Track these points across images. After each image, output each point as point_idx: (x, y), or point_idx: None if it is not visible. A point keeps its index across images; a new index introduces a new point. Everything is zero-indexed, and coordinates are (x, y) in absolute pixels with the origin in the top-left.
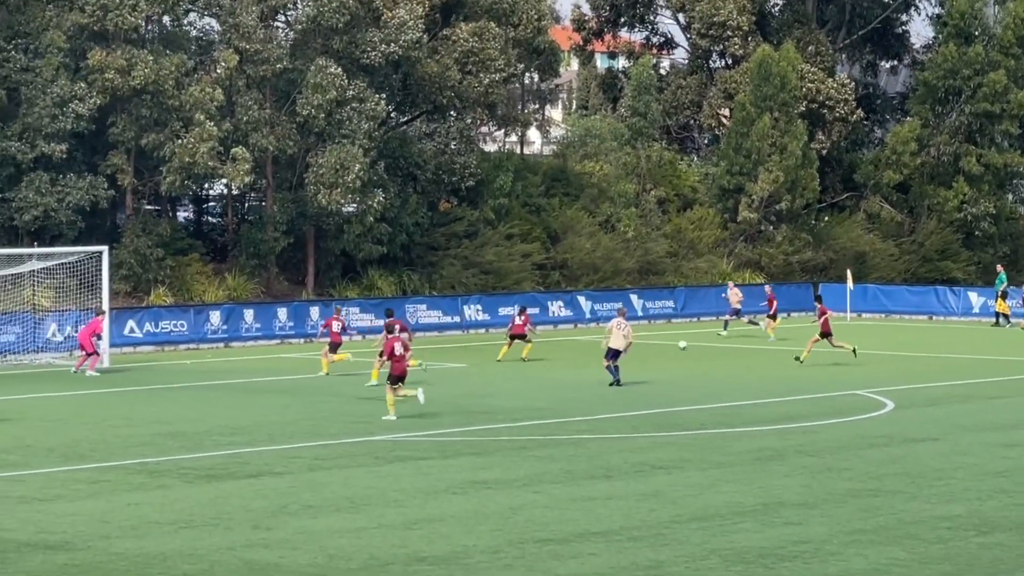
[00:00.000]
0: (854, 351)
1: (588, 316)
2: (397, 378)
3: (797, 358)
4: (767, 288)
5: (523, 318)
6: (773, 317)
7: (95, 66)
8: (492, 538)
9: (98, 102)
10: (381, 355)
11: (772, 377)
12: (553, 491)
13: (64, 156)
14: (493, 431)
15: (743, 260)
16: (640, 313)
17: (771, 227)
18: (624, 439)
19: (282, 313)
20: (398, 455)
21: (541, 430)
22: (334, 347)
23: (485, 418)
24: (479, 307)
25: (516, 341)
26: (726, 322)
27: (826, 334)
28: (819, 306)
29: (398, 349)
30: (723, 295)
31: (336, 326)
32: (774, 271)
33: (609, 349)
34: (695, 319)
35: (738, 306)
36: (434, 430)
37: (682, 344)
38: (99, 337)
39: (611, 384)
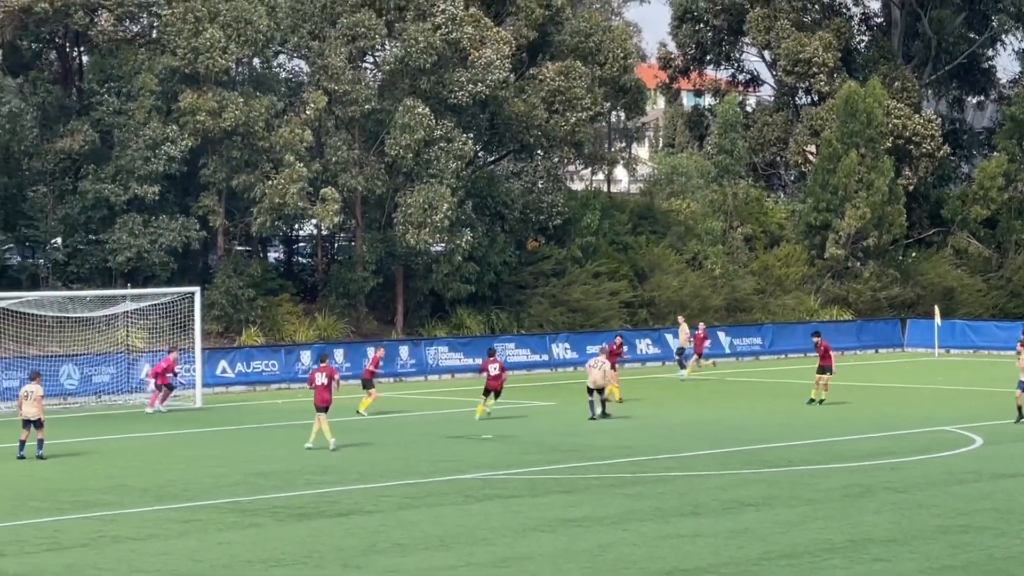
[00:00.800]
0: (820, 401)
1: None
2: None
3: (812, 400)
4: (700, 327)
5: (496, 366)
6: (699, 356)
7: (186, 108)
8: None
9: (190, 144)
10: None
11: (860, 413)
12: (642, 529)
13: (156, 198)
14: (582, 469)
15: (830, 296)
16: (728, 350)
17: (858, 263)
18: (713, 476)
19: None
20: (487, 493)
21: (630, 468)
22: (366, 384)
23: (574, 456)
24: (567, 345)
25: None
26: (679, 362)
27: (824, 368)
28: (817, 340)
29: (318, 379)
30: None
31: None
32: (861, 307)
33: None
34: (783, 356)
35: (686, 345)
36: (523, 468)
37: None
38: (174, 374)
39: (590, 418)
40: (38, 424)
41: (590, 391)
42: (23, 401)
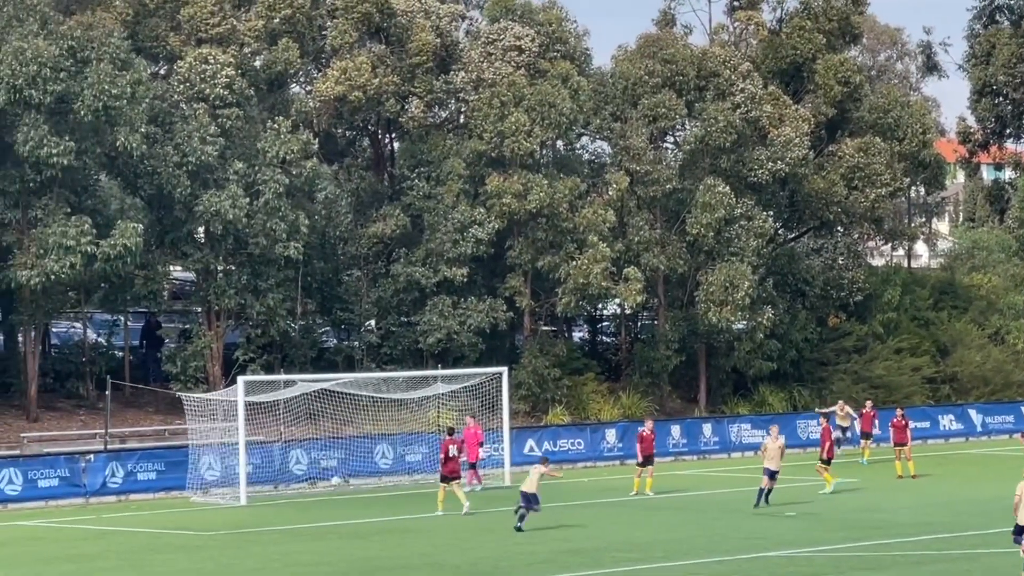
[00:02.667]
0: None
1: (979, 429)
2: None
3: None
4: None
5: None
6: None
7: (493, 191)
8: None
9: (496, 226)
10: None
11: None
12: None
13: (465, 280)
14: (886, 546)
15: None
16: None
17: None
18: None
19: (675, 430)
20: (792, 571)
21: (935, 545)
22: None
23: (878, 533)
24: (876, 422)
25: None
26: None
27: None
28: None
29: (451, 451)
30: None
31: (453, 450)
32: None
33: (522, 493)
34: None
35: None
36: (827, 545)
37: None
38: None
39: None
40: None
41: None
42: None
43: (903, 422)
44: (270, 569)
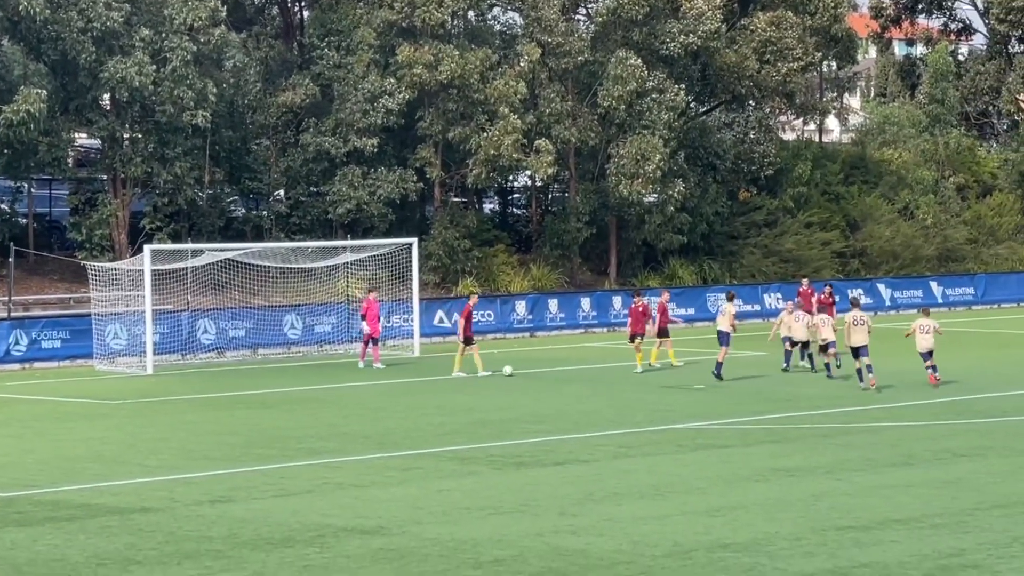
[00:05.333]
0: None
1: (888, 304)
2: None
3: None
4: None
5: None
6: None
7: (404, 62)
8: (794, 525)
9: (407, 97)
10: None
11: None
12: (854, 479)
13: (375, 150)
14: (794, 419)
15: None
16: (940, 300)
17: None
18: (924, 427)
19: (585, 303)
20: (701, 443)
21: (841, 418)
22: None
23: (786, 406)
24: (779, 295)
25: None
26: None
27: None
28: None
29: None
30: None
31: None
32: None
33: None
34: (995, 306)
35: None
36: (735, 418)
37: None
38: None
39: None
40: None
41: (793, 343)
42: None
43: (831, 299)
44: (176, 438)
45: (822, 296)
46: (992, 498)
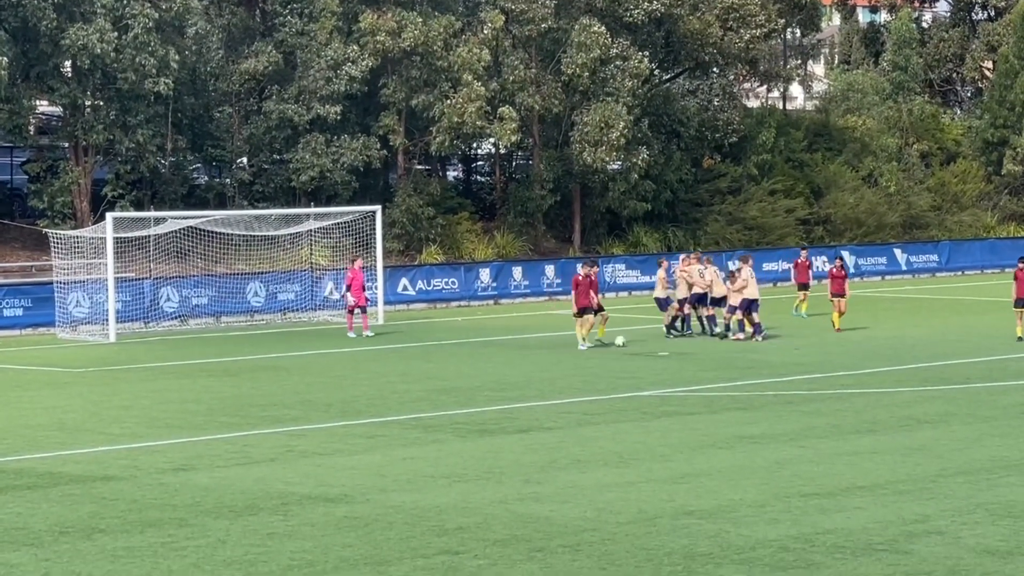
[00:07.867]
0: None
1: (852, 271)
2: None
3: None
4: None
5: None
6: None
7: (366, 29)
8: (758, 492)
9: (370, 64)
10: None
11: None
12: (819, 446)
13: (338, 118)
14: (759, 386)
15: (1008, 213)
16: (904, 267)
17: None
18: (889, 393)
19: (550, 270)
20: (665, 410)
21: (806, 385)
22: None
23: (750, 373)
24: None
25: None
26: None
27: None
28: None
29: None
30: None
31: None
32: None
33: None
34: (959, 272)
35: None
36: (700, 385)
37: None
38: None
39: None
40: None
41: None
42: None
43: (842, 272)
44: (139, 406)
45: (833, 269)
46: (955, 464)
